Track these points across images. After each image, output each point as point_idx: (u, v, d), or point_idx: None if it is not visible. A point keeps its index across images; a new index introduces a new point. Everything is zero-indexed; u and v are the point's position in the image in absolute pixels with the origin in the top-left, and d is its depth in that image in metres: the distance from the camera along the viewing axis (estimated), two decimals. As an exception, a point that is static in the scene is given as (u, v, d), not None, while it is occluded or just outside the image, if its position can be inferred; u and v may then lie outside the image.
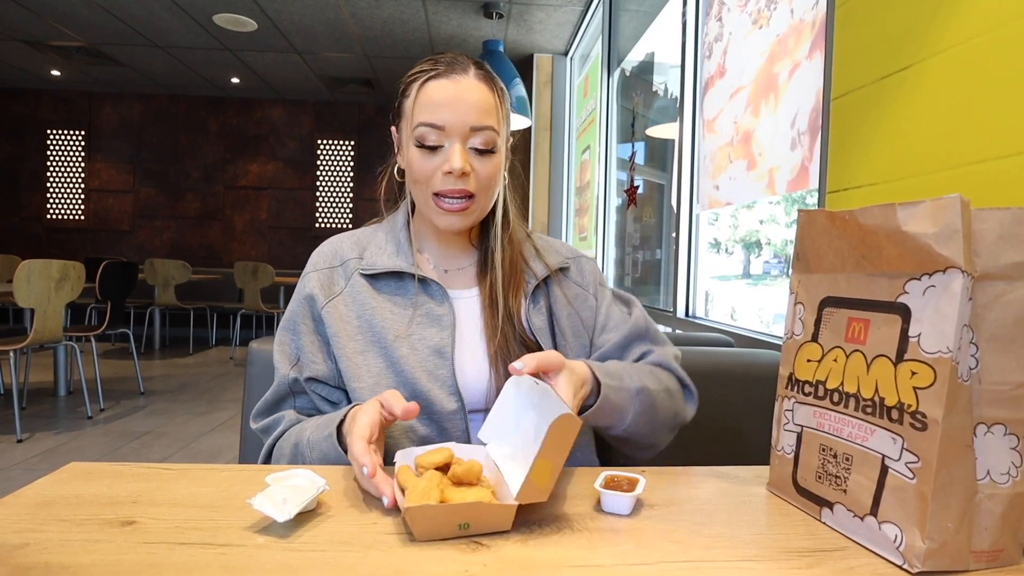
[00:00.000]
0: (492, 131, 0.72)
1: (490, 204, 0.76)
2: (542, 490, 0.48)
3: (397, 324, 0.74)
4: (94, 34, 4.59)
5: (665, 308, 2.41)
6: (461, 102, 0.70)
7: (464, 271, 0.81)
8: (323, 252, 0.80)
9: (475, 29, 4.16)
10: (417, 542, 0.46)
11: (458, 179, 0.71)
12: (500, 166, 0.75)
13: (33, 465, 2.52)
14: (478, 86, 0.72)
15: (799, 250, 0.57)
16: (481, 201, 0.74)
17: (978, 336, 0.43)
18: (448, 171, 0.70)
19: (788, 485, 0.55)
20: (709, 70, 2.06)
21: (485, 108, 0.72)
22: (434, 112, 0.71)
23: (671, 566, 0.44)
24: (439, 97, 0.71)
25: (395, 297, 0.76)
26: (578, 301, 0.81)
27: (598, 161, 3.53)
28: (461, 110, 0.70)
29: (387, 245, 0.79)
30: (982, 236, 0.43)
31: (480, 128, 0.71)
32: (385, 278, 0.77)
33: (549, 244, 0.85)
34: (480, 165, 0.72)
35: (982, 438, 0.43)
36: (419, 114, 0.71)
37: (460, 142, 0.71)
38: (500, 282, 0.77)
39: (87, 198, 6.41)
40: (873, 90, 1.00)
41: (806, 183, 1.41)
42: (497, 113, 0.73)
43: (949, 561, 0.43)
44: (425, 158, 0.72)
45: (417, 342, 0.73)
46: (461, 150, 0.70)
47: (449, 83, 0.71)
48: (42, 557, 0.42)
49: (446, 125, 0.70)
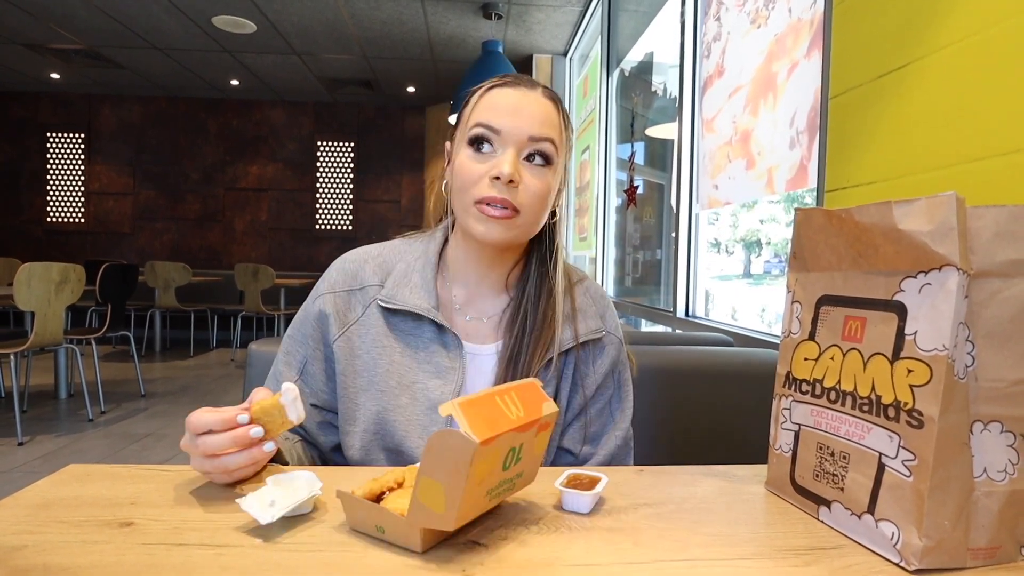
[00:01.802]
0: (551, 143, 0.68)
1: (534, 228, 0.70)
2: (439, 516, 0.43)
3: (403, 369, 0.70)
4: (93, 37, 4.59)
5: (665, 308, 2.41)
6: (524, 110, 0.67)
7: (490, 320, 0.75)
8: (345, 270, 0.75)
9: (474, 30, 4.17)
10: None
11: (505, 186, 0.66)
12: (551, 187, 0.69)
13: (34, 468, 2.52)
14: (543, 101, 0.69)
15: (796, 248, 0.57)
16: (526, 218, 0.68)
17: (974, 334, 0.43)
18: (496, 175, 0.65)
19: (786, 484, 0.55)
20: (708, 69, 2.06)
21: (548, 121, 0.68)
22: (494, 114, 0.67)
23: (669, 564, 0.44)
24: (502, 102, 0.68)
25: (408, 338, 0.71)
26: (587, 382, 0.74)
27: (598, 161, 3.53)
28: (522, 117, 0.67)
29: (412, 275, 0.73)
30: (978, 233, 0.43)
31: (539, 139, 0.67)
32: (403, 314, 0.71)
33: (587, 302, 0.77)
34: (531, 178, 0.67)
35: (979, 435, 0.43)
36: (477, 115, 0.68)
37: (515, 149, 0.67)
38: (527, 339, 0.71)
39: (87, 200, 6.42)
40: (871, 88, 1.00)
41: (805, 182, 1.41)
42: (559, 130, 0.69)
43: (946, 559, 0.43)
44: (475, 160, 0.67)
45: (419, 392, 0.69)
46: (514, 157, 0.66)
47: (514, 92, 0.69)
48: (41, 558, 0.42)
49: (503, 129, 0.67)
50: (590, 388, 0.74)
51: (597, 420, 0.76)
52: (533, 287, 0.73)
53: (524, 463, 0.49)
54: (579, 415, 0.75)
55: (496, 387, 0.50)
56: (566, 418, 0.75)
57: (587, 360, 0.74)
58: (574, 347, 0.73)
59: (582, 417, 0.75)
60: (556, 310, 0.73)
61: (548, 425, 0.51)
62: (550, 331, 0.72)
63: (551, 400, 0.52)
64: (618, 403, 0.77)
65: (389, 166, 6.57)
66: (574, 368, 0.74)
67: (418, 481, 0.43)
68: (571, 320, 0.74)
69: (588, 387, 0.74)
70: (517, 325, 0.72)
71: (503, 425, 0.45)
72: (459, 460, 0.42)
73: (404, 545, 0.45)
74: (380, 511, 0.46)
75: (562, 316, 0.73)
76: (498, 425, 0.44)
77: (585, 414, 0.75)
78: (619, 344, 0.78)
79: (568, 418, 0.75)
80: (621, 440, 0.75)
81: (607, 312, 0.78)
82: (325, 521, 0.49)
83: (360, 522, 0.47)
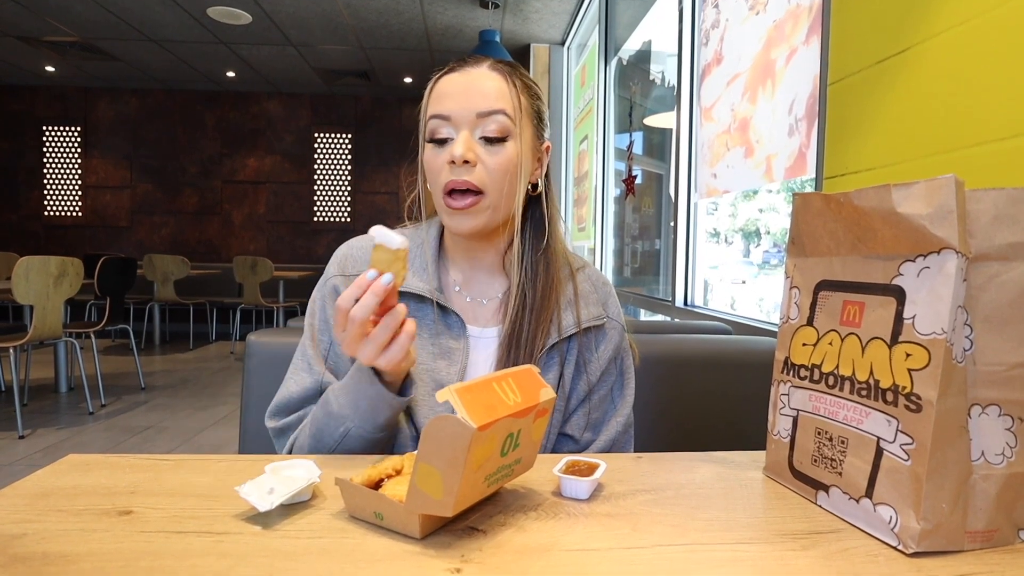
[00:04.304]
0: (502, 115, 0.66)
1: (506, 207, 0.69)
2: (437, 502, 0.43)
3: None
4: (88, 29, 4.56)
5: (664, 298, 2.41)
6: (470, 89, 0.67)
7: (491, 303, 0.75)
8: (351, 255, 0.75)
9: (471, 19, 4.13)
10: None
11: (462, 167, 0.65)
12: (514, 158, 0.67)
13: (35, 461, 2.53)
14: (489, 75, 0.68)
15: (794, 234, 0.57)
16: (492, 197, 0.67)
17: (973, 317, 0.43)
18: (451, 160, 0.65)
19: (784, 469, 0.55)
20: (706, 57, 2.04)
21: (496, 94, 0.67)
22: (442, 102, 0.67)
23: (667, 549, 0.44)
24: (448, 88, 0.68)
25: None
26: (591, 367, 0.74)
27: (596, 151, 3.52)
28: (469, 96, 0.66)
29: (414, 259, 0.72)
30: (977, 217, 0.43)
31: (488, 113, 0.66)
32: (405, 298, 0.71)
33: (589, 288, 0.76)
34: (489, 156, 0.66)
35: (976, 419, 0.43)
36: (430, 109, 0.68)
37: (467, 130, 0.66)
38: (528, 316, 0.70)
39: (84, 194, 6.40)
40: (870, 74, 0.99)
41: (804, 170, 1.40)
42: (511, 100, 0.68)
43: (944, 542, 0.43)
44: (435, 153, 0.68)
45: (424, 373, 0.69)
46: (466, 137, 0.66)
47: (459, 75, 0.68)
48: (40, 547, 0.42)
49: (451, 114, 0.66)
50: (594, 374, 0.74)
51: (599, 407, 0.75)
52: (529, 264, 0.72)
53: (522, 449, 0.50)
54: (583, 402, 0.75)
55: (493, 373, 0.49)
56: (570, 404, 0.74)
57: (590, 346, 0.74)
58: (577, 333, 0.72)
59: (586, 404, 0.74)
60: (556, 280, 0.72)
61: (546, 411, 0.51)
62: (550, 308, 0.71)
63: (549, 386, 0.51)
64: (620, 390, 0.77)
65: (387, 158, 6.54)
66: (577, 354, 0.73)
67: (416, 467, 0.43)
68: (573, 306, 0.73)
69: (592, 373, 0.74)
70: (516, 302, 0.71)
71: (500, 411, 0.45)
72: (456, 446, 0.42)
73: (402, 531, 0.45)
74: (379, 497, 0.46)
75: (565, 300, 0.72)
76: (495, 411, 0.44)
77: (588, 401, 0.75)
78: (621, 330, 0.77)
79: (572, 405, 0.74)
80: (622, 427, 0.75)
81: (609, 299, 0.78)
82: (324, 508, 0.49)
83: (358, 509, 0.47)
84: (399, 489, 0.46)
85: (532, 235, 0.73)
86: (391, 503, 0.45)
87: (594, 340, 0.74)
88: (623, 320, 0.78)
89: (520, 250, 0.72)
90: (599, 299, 0.76)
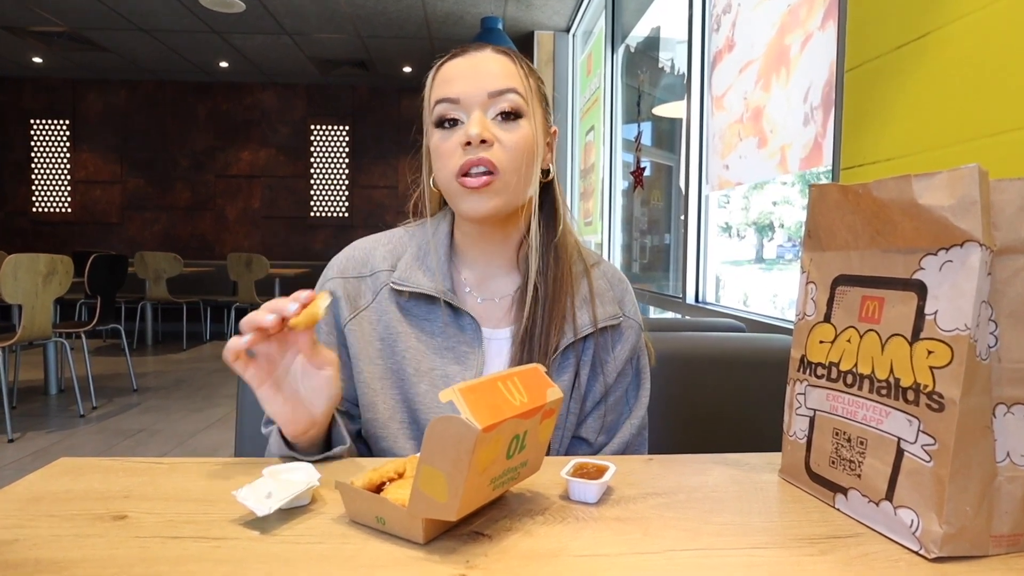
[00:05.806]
0: (515, 94, 0.65)
1: (523, 187, 0.67)
2: (441, 506, 0.42)
3: (419, 356, 0.68)
4: (76, 18, 4.48)
5: (674, 294, 2.38)
6: (477, 70, 0.66)
7: (503, 301, 0.73)
8: (353, 257, 0.73)
9: (472, 6, 4.08)
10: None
11: (478, 147, 0.63)
12: (530, 136, 0.66)
13: (25, 465, 2.50)
14: (496, 57, 0.67)
15: (810, 227, 0.55)
16: (508, 177, 0.65)
17: (997, 313, 0.42)
18: (467, 141, 0.63)
19: (801, 471, 0.54)
20: (717, 44, 2.00)
21: (505, 73, 0.66)
22: (449, 86, 0.66)
23: (680, 554, 0.42)
24: (454, 72, 0.67)
25: (423, 323, 0.69)
26: (607, 368, 0.72)
27: (603, 142, 3.47)
28: (478, 77, 0.65)
29: (424, 258, 0.70)
30: (1002, 208, 0.41)
31: (500, 92, 0.65)
32: (415, 298, 0.69)
33: (604, 285, 0.74)
34: (505, 133, 0.65)
35: (1001, 419, 0.42)
36: (435, 94, 0.67)
37: (479, 111, 0.65)
38: (540, 317, 0.68)
39: (73, 190, 6.32)
40: (889, 60, 0.96)
41: (820, 160, 1.38)
42: (521, 80, 0.67)
43: (968, 546, 0.42)
44: (445, 136, 0.66)
45: (439, 379, 0.67)
46: (480, 116, 0.64)
47: (463, 59, 0.67)
48: (32, 553, 0.40)
49: (461, 96, 0.65)
50: (611, 375, 0.72)
51: (614, 409, 0.74)
52: (541, 257, 0.70)
53: (529, 451, 0.48)
54: (598, 404, 0.73)
55: (498, 373, 0.48)
56: (585, 407, 0.72)
57: (606, 346, 0.72)
58: (593, 333, 0.70)
59: (601, 406, 0.73)
60: (567, 273, 0.70)
61: (553, 412, 0.50)
62: (562, 301, 0.69)
63: (556, 386, 0.50)
64: (635, 391, 0.75)
65: (385, 150, 6.47)
66: (593, 354, 0.71)
67: (419, 469, 0.42)
68: (589, 304, 0.71)
69: (608, 374, 0.72)
70: (529, 299, 0.68)
71: (506, 411, 0.43)
72: (461, 448, 0.41)
73: (405, 536, 0.44)
74: (380, 501, 0.44)
75: (580, 298, 0.71)
76: (501, 411, 0.43)
77: (604, 402, 0.73)
78: (638, 329, 0.75)
79: (588, 407, 0.73)
80: (636, 429, 0.74)
81: (626, 296, 0.76)
82: (324, 513, 0.48)
83: (360, 513, 0.46)
84: (401, 493, 0.45)
85: (544, 225, 0.71)
86: (393, 507, 0.43)
87: (610, 340, 0.72)
88: (640, 318, 0.76)
89: (537, 239, 0.70)
90: (615, 297, 0.74)
